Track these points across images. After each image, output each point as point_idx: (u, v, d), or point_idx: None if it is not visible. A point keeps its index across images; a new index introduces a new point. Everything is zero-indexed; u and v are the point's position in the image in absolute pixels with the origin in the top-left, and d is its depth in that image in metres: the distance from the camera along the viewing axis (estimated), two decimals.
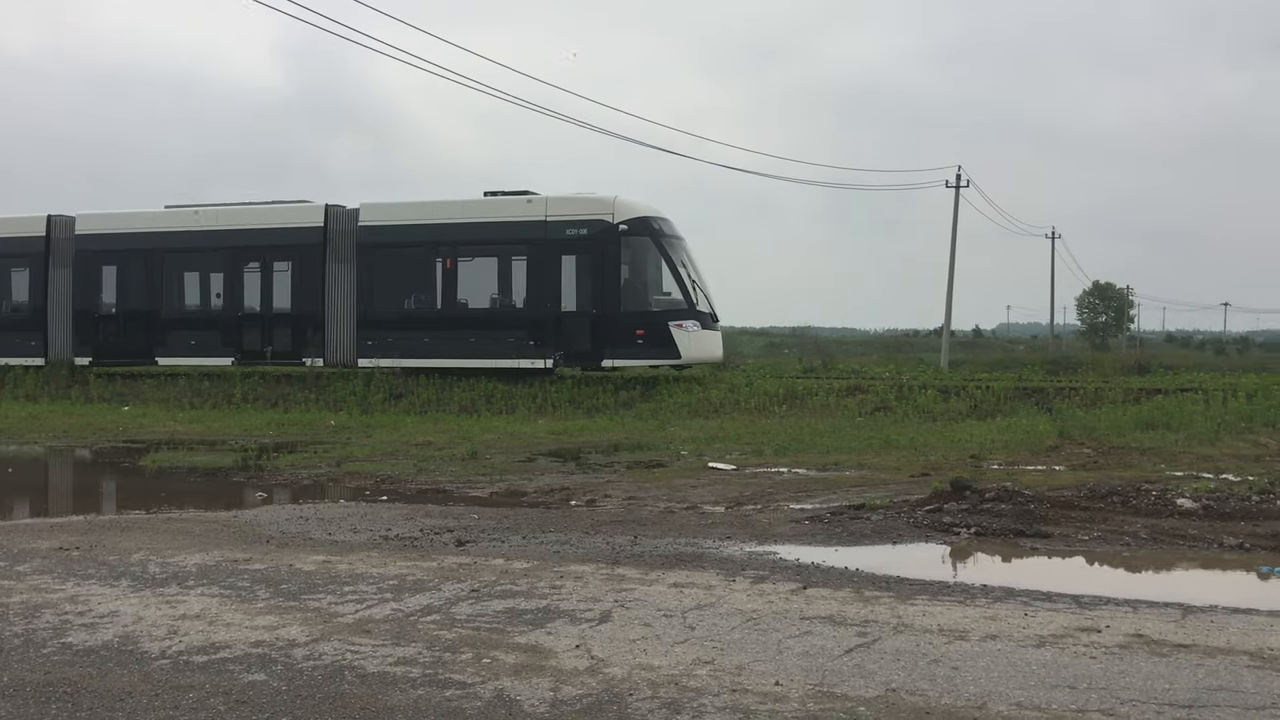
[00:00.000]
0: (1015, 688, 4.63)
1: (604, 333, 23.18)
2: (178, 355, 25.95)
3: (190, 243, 26.14)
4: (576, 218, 23.57)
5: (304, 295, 25.38)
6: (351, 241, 25.04)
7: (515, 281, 24.65)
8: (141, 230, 26.32)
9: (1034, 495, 9.45)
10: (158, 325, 26.28)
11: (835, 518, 9.17)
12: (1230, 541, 7.99)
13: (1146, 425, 16.55)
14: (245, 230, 25.72)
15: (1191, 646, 5.22)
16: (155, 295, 26.60)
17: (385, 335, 24.51)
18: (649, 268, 23.98)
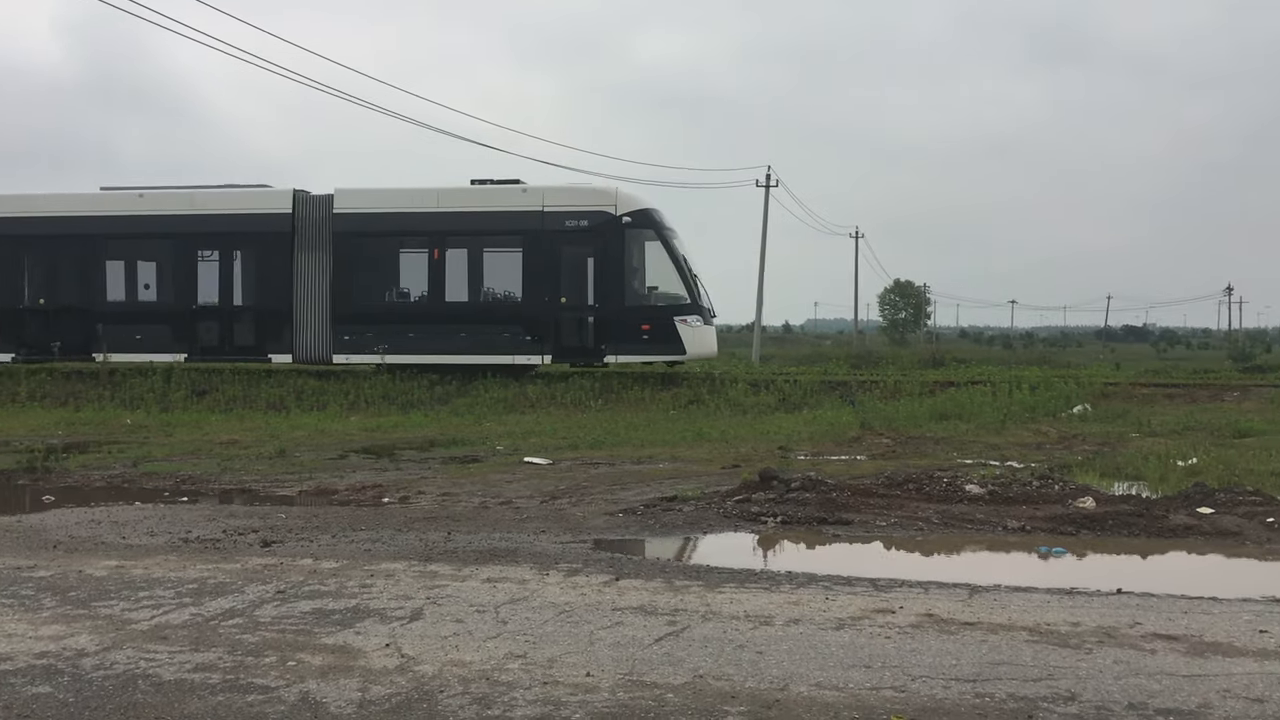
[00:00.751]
0: (816, 669, 4.82)
1: (607, 328, 22.45)
2: (120, 351, 23.56)
3: (135, 228, 23.86)
4: (577, 208, 22.77)
5: (269, 287, 23.54)
6: (326, 229, 23.34)
7: (510, 274, 23.34)
8: (72, 214, 23.91)
9: (836, 484, 9.84)
10: (96, 319, 23.80)
11: (648, 510, 9.32)
12: (1013, 524, 8.52)
13: (941, 416, 17.47)
14: (199, 216, 23.62)
15: (977, 624, 5.55)
16: (94, 286, 24.15)
17: (364, 330, 23.08)
18: (652, 261, 23.13)
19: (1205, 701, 4.38)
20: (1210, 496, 9.19)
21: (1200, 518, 8.59)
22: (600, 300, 22.53)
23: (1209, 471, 10.99)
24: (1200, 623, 5.58)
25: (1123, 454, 12.73)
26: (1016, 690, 4.53)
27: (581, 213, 22.63)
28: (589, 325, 22.50)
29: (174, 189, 24.66)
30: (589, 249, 22.67)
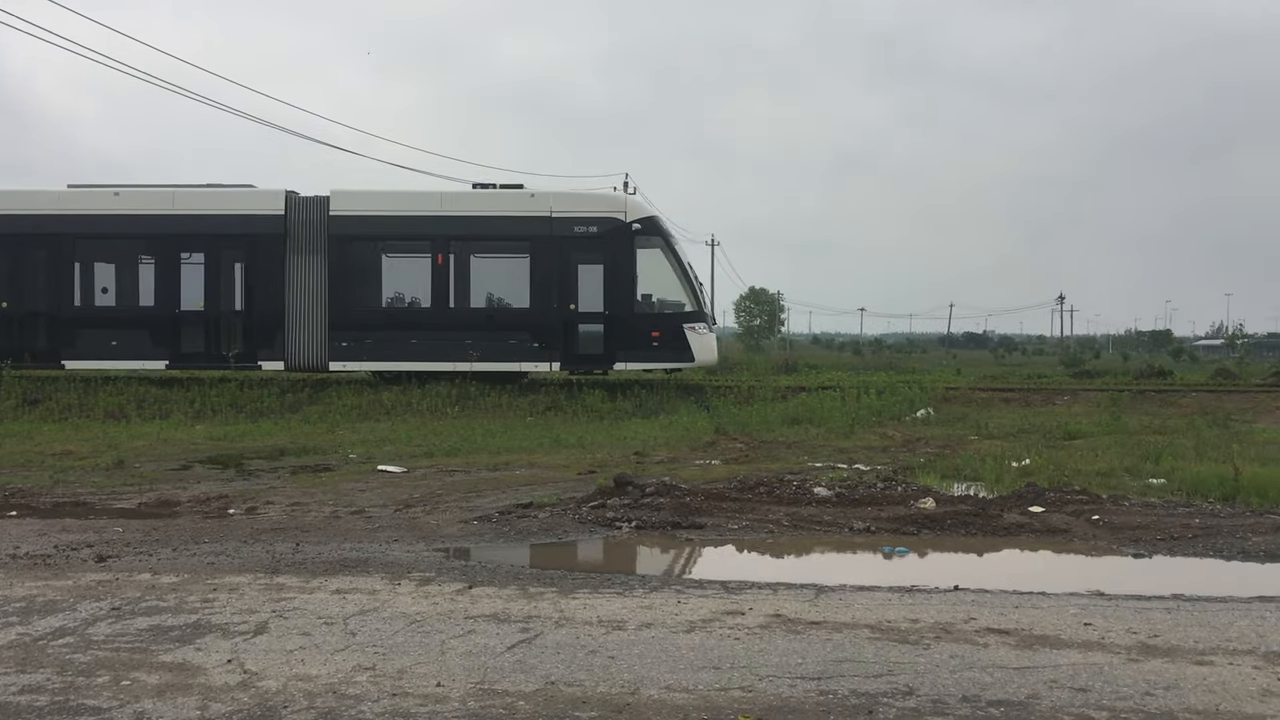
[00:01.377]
0: (666, 672, 4.89)
1: (616, 335, 22.39)
2: (93, 358, 22.37)
3: (109, 228, 22.53)
4: (586, 215, 22.65)
5: (259, 291, 22.60)
6: (321, 232, 22.53)
7: (517, 280, 22.85)
8: (37, 212, 22.47)
9: (690, 489, 9.97)
10: (66, 324, 22.48)
11: (504, 517, 9.27)
12: (859, 525, 8.79)
13: (793, 421, 17.89)
14: (182, 216, 22.43)
15: (822, 623, 5.71)
16: (62, 289, 22.66)
17: (363, 337, 22.35)
18: (660, 268, 22.98)
19: (1034, 692, 4.61)
20: (1041, 496, 9.66)
21: (1032, 516, 9.02)
22: (610, 307, 22.52)
23: (1041, 472, 11.54)
24: (1030, 617, 5.87)
25: (962, 456, 13.24)
26: (858, 686, 4.68)
27: (591, 219, 22.62)
28: (599, 332, 22.48)
29: (153, 187, 23.48)
30: (598, 256, 22.64)
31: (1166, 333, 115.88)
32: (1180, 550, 8.01)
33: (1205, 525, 8.72)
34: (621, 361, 22.65)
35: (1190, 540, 8.27)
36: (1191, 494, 10.23)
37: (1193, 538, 8.34)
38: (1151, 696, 4.55)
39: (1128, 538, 8.38)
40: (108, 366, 22.75)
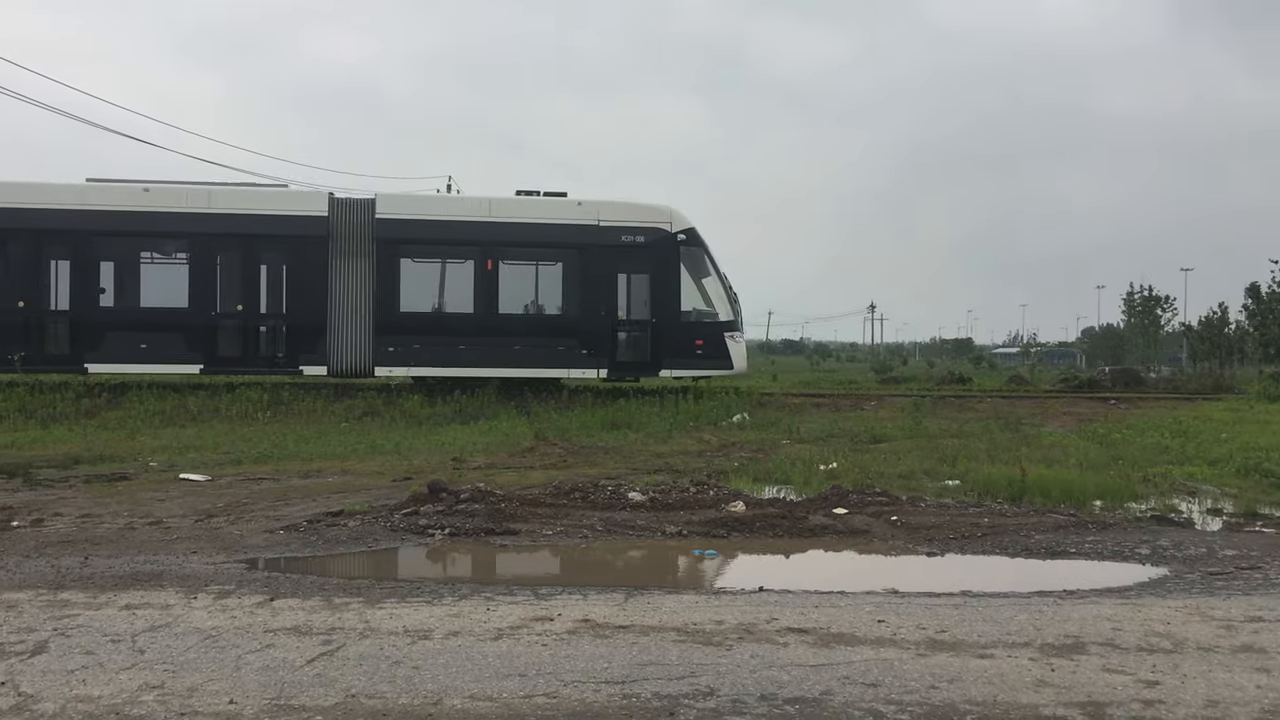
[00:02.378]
0: (471, 681, 4.85)
1: (662, 343, 22.87)
2: (121, 361, 21.50)
3: (138, 225, 21.55)
4: (633, 224, 23.05)
5: (301, 294, 22.09)
6: (367, 235, 22.27)
7: (564, 287, 23.14)
8: (60, 207, 21.28)
9: (505, 495, 9.93)
10: (92, 326, 21.35)
11: (312, 526, 9.01)
12: (671, 529, 8.93)
13: (612, 425, 18.04)
14: (219, 215, 21.72)
15: (630, 627, 5.78)
16: (87, 289, 21.46)
17: (410, 341, 22.23)
18: (702, 278, 23.49)
19: (828, 689, 4.78)
20: (845, 498, 10.03)
21: (836, 518, 9.36)
22: (656, 315, 22.98)
23: (847, 475, 11.98)
24: (829, 615, 6.08)
25: (774, 460, 13.61)
26: (661, 689, 4.75)
27: (637, 228, 23.05)
28: (645, 340, 22.96)
29: (187, 185, 22.55)
30: (645, 264, 23.06)
31: (968, 341, 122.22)
32: (970, 549, 8.44)
33: (994, 524, 9.23)
34: (667, 369, 23.28)
35: (979, 539, 8.73)
36: (983, 494, 10.80)
37: (982, 536, 8.81)
38: (936, 689, 4.78)
39: (923, 537, 8.79)
40: (137, 371, 21.96)
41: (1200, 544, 8.52)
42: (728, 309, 23.67)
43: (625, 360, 23.05)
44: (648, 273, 23.19)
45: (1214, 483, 12.08)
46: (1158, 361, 72.01)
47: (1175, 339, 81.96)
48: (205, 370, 22.03)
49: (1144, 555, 8.14)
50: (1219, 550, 8.26)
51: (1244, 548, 8.40)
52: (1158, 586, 7.06)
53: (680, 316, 23.21)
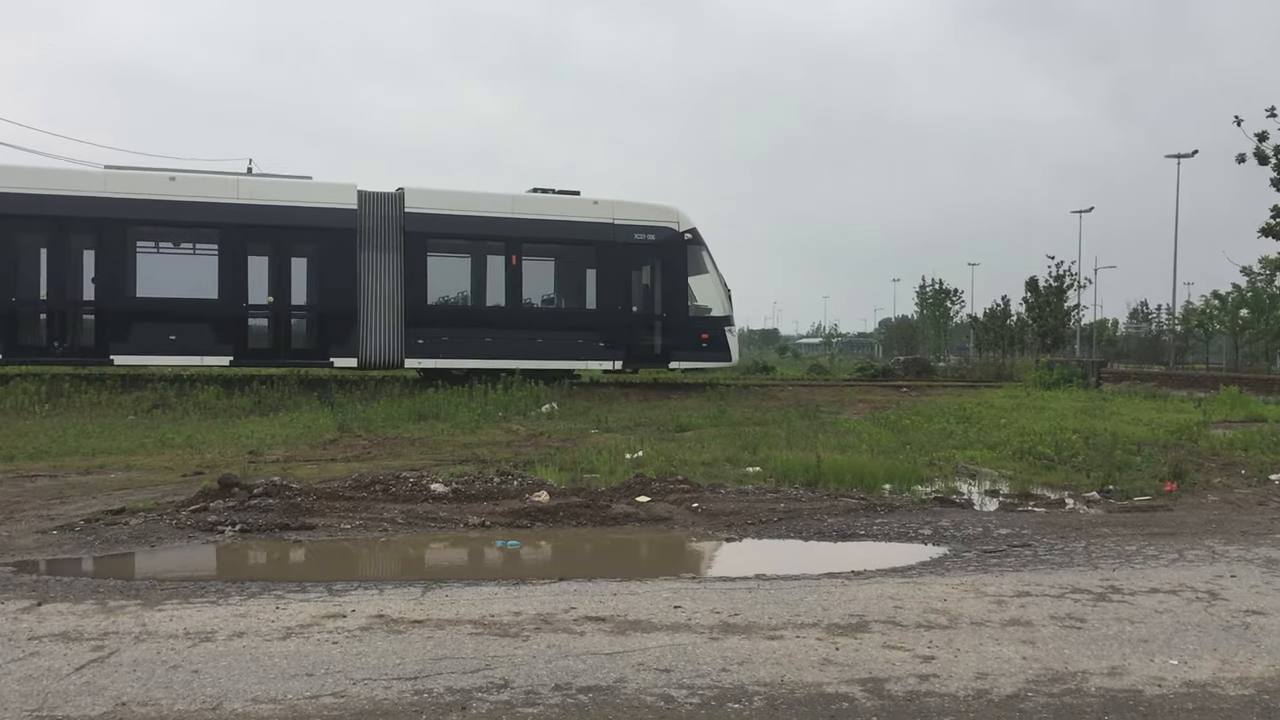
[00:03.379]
0: (255, 683, 4.66)
1: (672, 336, 24.37)
2: (149, 353, 21.22)
3: (166, 215, 21.26)
4: (645, 223, 24.28)
5: (332, 286, 22.25)
6: (395, 228, 22.65)
7: (584, 282, 24.19)
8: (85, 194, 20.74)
9: (303, 488, 9.61)
10: (118, 317, 20.94)
11: (90, 525, 8.50)
12: (474, 520, 8.84)
13: (419, 416, 17.74)
14: (248, 206, 21.65)
15: (425, 621, 5.68)
16: (114, 279, 21.04)
17: (440, 334, 22.81)
18: (705, 275, 24.89)
19: (622, 676, 4.81)
20: (648, 486, 10.16)
21: (638, 506, 9.46)
22: (667, 310, 24.52)
23: (652, 463, 12.13)
24: (627, 603, 6.13)
25: (581, 449, 13.66)
26: (455, 683, 4.68)
27: (649, 228, 24.33)
28: (657, 333, 24.48)
29: (214, 174, 22.52)
30: (655, 262, 24.50)
31: (774, 331, 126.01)
32: (766, 533, 8.69)
33: (789, 509, 9.52)
34: (676, 361, 24.88)
35: (776, 523, 8.99)
36: (781, 480, 11.13)
37: (778, 521, 9.08)
38: (727, 672, 4.88)
39: (722, 523, 8.99)
40: (165, 363, 21.90)
41: (978, 524, 9.01)
42: (726, 304, 25.22)
43: (639, 353, 24.47)
44: (658, 270, 24.63)
45: (992, 465, 12.82)
46: (947, 351, 75.94)
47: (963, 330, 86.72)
48: (235, 363, 21.84)
49: (926, 536, 8.55)
50: (994, 529, 8.76)
51: (1017, 526, 8.93)
52: (937, 565, 7.43)
53: (688, 311, 24.76)
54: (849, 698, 4.54)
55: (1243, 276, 66.19)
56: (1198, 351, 77.13)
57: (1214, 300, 72.77)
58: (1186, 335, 76.00)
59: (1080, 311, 71.65)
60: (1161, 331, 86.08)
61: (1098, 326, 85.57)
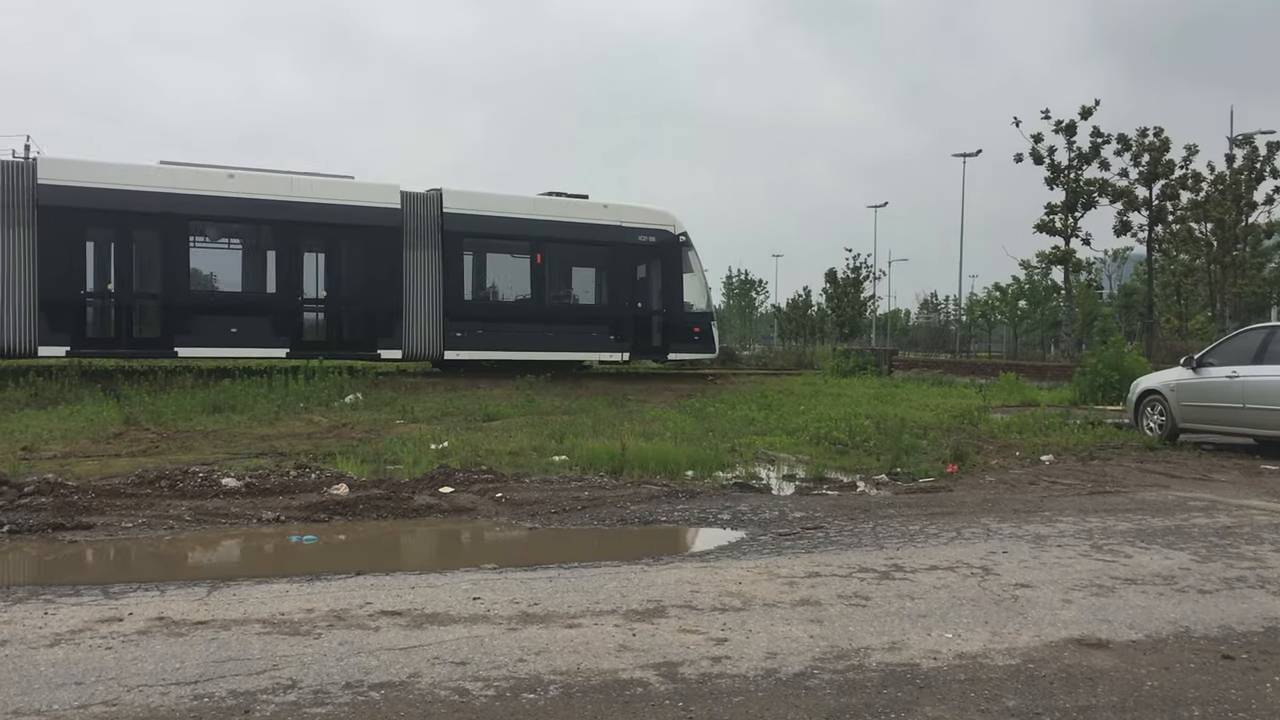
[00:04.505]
0: (17, 694, 4.36)
1: (670, 330, 26.82)
2: (212, 345, 22.12)
3: (225, 210, 22.07)
4: (646, 226, 26.57)
5: (379, 282, 23.48)
6: (435, 227, 24.08)
7: (597, 280, 26.43)
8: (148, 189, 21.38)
9: (80, 486, 9.07)
10: (181, 310, 21.84)
11: None
12: (268, 515, 8.53)
13: (214, 408, 17.02)
14: (302, 204, 22.62)
15: (210, 622, 5.44)
16: (177, 272, 21.89)
17: (475, 327, 24.26)
18: (695, 273, 27.36)
19: (416, 671, 4.73)
20: (452, 476, 10.04)
21: (441, 497, 9.34)
22: (666, 306, 26.91)
23: (457, 453, 12.00)
24: (425, 596, 6.04)
25: (385, 440, 13.39)
26: (239, 686, 4.50)
27: (650, 230, 26.65)
28: (660, 327, 26.85)
29: (268, 172, 23.11)
30: (655, 262, 26.82)
31: None
32: (570, 521, 8.72)
33: (594, 497, 9.59)
34: (673, 353, 27.41)
35: (579, 511, 9.04)
36: (586, 469, 11.19)
37: (582, 509, 9.12)
38: (524, 662, 4.86)
39: (526, 512, 8.97)
40: (227, 355, 22.56)
41: (775, 508, 9.29)
42: (709, 300, 28.26)
43: (642, 346, 26.79)
44: (659, 269, 26.94)
45: (791, 451, 13.25)
46: (752, 339, 78.06)
47: (768, 319, 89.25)
48: (290, 355, 22.64)
49: (726, 520, 8.76)
50: (790, 513, 9.05)
51: (811, 510, 9.26)
52: (735, 549, 7.62)
53: (682, 307, 27.16)
54: (643, 683, 4.60)
55: (1021, 269, 70.62)
56: (981, 340, 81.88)
57: (996, 292, 77.37)
58: (971, 325, 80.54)
59: (876, 302, 75.00)
60: (949, 321, 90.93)
61: (891, 316, 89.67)
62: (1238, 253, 42.80)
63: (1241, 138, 42.00)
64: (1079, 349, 43.16)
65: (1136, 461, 13.10)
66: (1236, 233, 41.96)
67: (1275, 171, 40.77)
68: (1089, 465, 12.75)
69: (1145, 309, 44.49)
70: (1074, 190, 40.22)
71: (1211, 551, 7.59)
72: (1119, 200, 39.92)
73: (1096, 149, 40.11)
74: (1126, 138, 40.04)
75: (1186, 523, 8.84)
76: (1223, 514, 9.32)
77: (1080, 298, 54.52)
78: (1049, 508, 9.55)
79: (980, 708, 4.34)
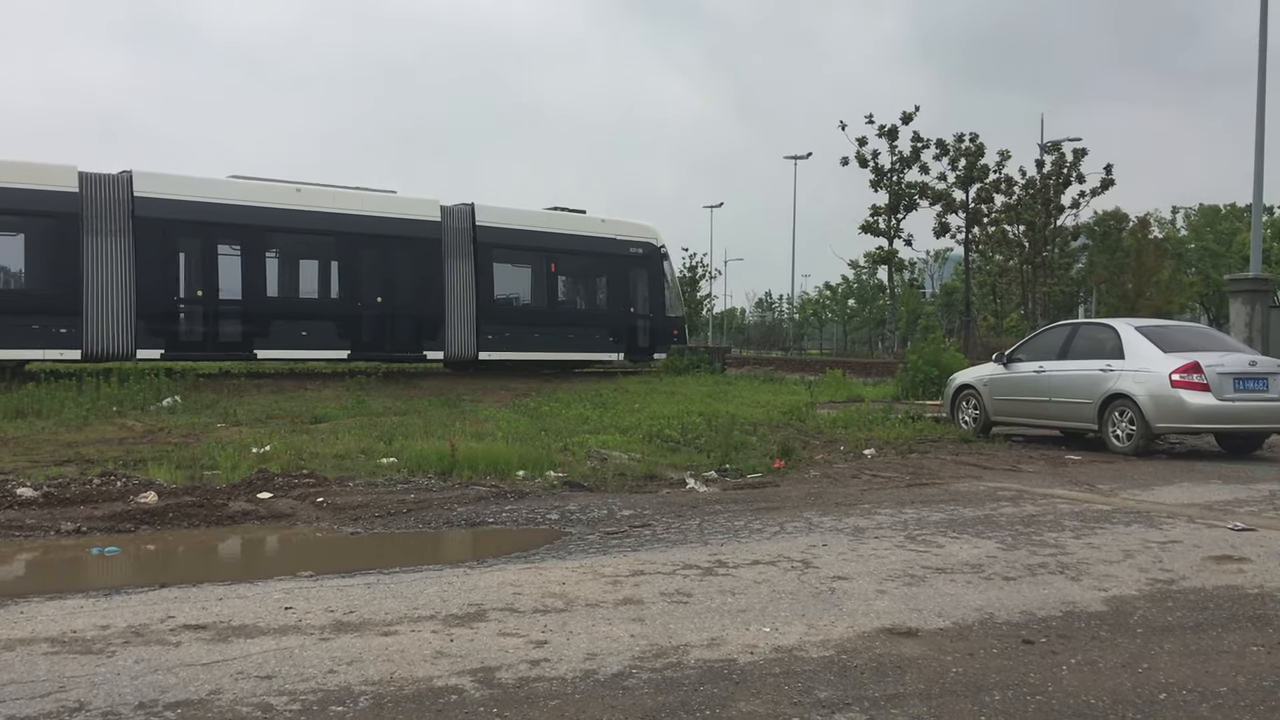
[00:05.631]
0: None
1: (656, 333, 30.04)
2: (286, 348, 23.93)
3: (294, 223, 23.83)
4: (634, 239, 29.61)
5: (424, 290, 25.39)
6: (469, 239, 26.12)
7: (598, 288, 29.39)
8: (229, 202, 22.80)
9: None
10: (260, 315, 23.45)
11: None
12: (68, 527, 8.04)
13: (16, 413, 16.02)
14: (358, 217, 24.45)
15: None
16: (256, 280, 23.58)
17: (503, 331, 26.54)
18: (672, 282, 31.20)
19: (217, 687, 4.50)
20: (271, 481, 9.68)
21: (259, 503, 8.98)
22: (652, 311, 30.13)
23: (279, 457, 11.58)
24: (233, 608, 5.77)
25: (202, 444, 12.83)
26: (19, 711, 4.19)
27: (638, 242, 29.83)
28: (649, 330, 30.03)
29: (329, 187, 24.78)
30: (643, 271, 29.94)
31: None
32: (394, 525, 8.51)
33: (420, 500, 9.39)
34: (658, 353, 30.29)
35: (405, 515, 8.84)
36: (414, 470, 10.96)
37: (407, 512, 8.92)
38: (334, 673, 4.69)
39: (349, 517, 8.71)
40: (299, 357, 24.49)
41: (603, 507, 9.29)
42: (682, 305, 32.21)
43: (635, 347, 29.76)
44: (645, 278, 30.01)
45: (623, 449, 13.28)
46: None
47: None
48: (351, 357, 24.88)
49: (553, 520, 8.70)
50: (618, 511, 9.06)
51: (639, 508, 9.29)
52: (560, 549, 7.56)
53: (665, 311, 30.55)
54: (458, 689, 4.49)
55: (850, 269, 72.96)
56: (813, 338, 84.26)
57: (826, 291, 79.72)
58: (803, 323, 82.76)
59: (711, 300, 76.26)
60: (781, 319, 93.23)
61: (727, 315, 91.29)
62: (1047, 254, 45.23)
63: (1050, 144, 44.42)
64: (903, 346, 44.84)
65: (952, 454, 13.65)
66: (1046, 235, 44.36)
67: (1081, 177, 43.28)
68: (908, 458, 13.21)
69: (963, 307, 46.56)
70: (896, 193, 41.80)
71: (1017, 539, 7.94)
72: (938, 203, 41.72)
73: (917, 153, 41.81)
74: (945, 143, 41.86)
75: (995, 512, 9.24)
76: (1029, 503, 9.79)
77: (904, 297, 56.71)
78: (869, 500, 9.84)
79: (793, 700, 4.40)
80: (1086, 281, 52.74)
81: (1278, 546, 7.76)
